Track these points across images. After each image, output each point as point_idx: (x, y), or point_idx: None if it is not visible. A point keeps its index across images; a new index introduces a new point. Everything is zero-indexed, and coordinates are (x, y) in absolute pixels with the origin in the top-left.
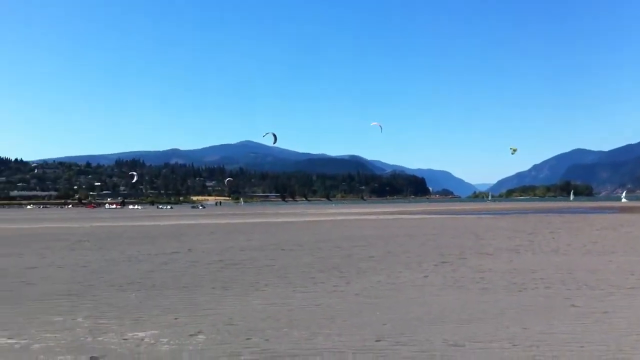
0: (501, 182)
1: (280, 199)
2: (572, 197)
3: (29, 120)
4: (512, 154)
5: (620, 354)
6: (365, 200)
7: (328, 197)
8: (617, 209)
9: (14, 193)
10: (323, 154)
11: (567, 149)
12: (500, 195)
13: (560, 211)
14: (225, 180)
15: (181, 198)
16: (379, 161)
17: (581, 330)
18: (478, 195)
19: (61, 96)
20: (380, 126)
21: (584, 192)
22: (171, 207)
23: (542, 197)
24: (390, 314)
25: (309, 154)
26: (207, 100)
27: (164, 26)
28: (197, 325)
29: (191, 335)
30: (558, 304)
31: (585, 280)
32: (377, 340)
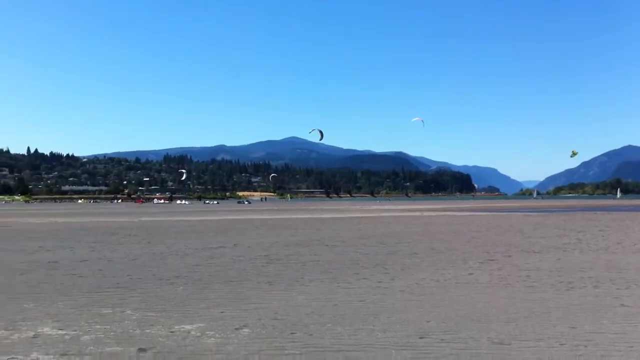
0: (549, 179)
1: (324, 195)
2: (619, 194)
3: (81, 116)
4: (572, 156)
5: None
6: (409, 197)
7: (372, 194)
8: None
9: (66, 188)
10: (368, 151)
11: (617, 145)
12: (548, 193)
13: (609, 209)
14: (270, 176)
15: (227, 193)
16: (423, 157)
17: (631, 330)
18: (525, 193)
19: (112, 94)
20: (422, 121)
21: (635, 190)
22: (217, 203)
23: (591, 195)
24: (434, 311)
25: (354, 150)
26: (254, 98)
27: (211, 26)
28: (243, 319)
29: (237, 328)
30: (607, 303)
31: (635, 280)
32: (420, 337)
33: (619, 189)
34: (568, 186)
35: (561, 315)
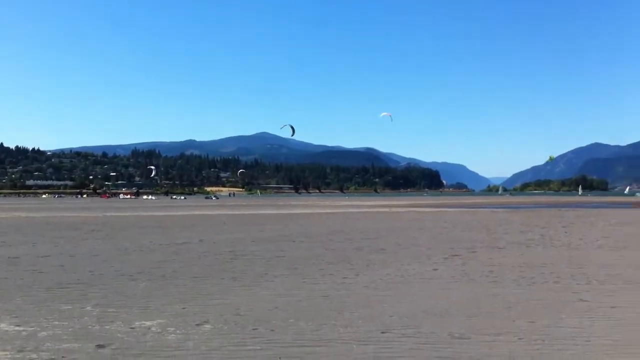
0: (516, 176)
1: (293, 191)
2: (580, 191)
3: (48, 110)
4: (549, 161)
5: (627, 349)
6: (378, 193)
7: (342, 190)
8: (632, 204)
9: (30, 182)
10: (339, 146)
11: (584, 143)
12: (515, 189)
13: (574, 206)
14: (238, 172)
15: (195, 189)
16: (394, 154)
17: (588, 325)
18: (492, 189)
19: (79, 87)
20: (391, 116)
21: (599, 187)
22: (185, 198)
23: (557, 192)
24: (397, 306)
25: (324, 146)
26: (225, 93)
27: (183, 20)
28: (205, 315)
29: (198, 324)
30: (566, 299)
31: (595, 275)
32: (382, 332)
33: (580, 186)
34: (534, 183)
35: (521, 310)
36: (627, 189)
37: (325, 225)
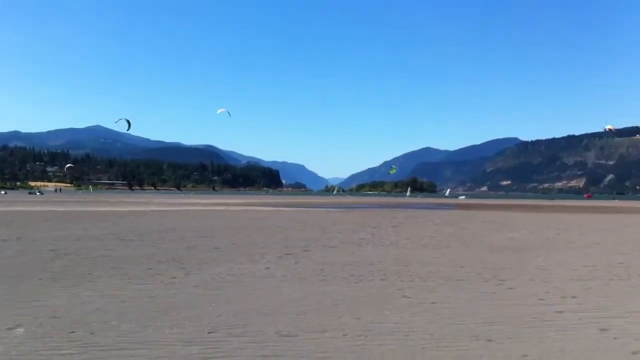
0: (353, 177)
1: (126, 187)
2: (408, 193)
3: None
4: (390, 172)
5: (441, 342)
6: (217, 191)
7: (179, 187)
8: (457, 206)
9: None
10: (177, 143)
11: (416, 147)
12: (351, 190)
13: (405, 207)
14: (66, 167)
15: (18, 183)
16: (234, 152)
17: (409, 320)
18: (329, 189)
19: None
20: (229, 112)
21: (429, 189)
22: (5, 193)
23: (390, 193)
24: (226, 305)
25: (162, 142)
26: (56, 82)
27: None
28: (17, 318)
29: (9, 328)
30: (390, 295)
31: (418, 273)
32: (209, 332)
33: (409, 188)
34: (370, 184)
35: (348, 307)
36: (447, 192)
37: (158, 223)
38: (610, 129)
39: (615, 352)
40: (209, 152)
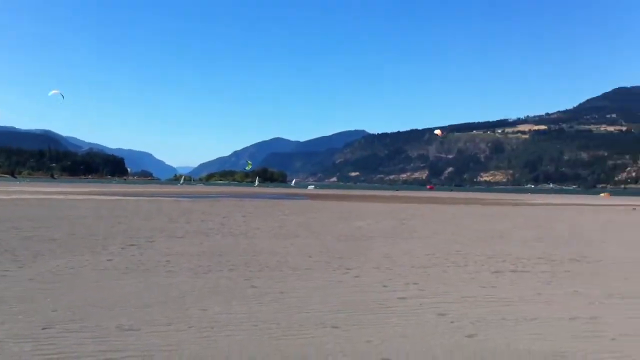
0: (203, 166)
1: None
2: (257, 182)
3: None
4: (247, 169)
5: (289, 331)
6: (56, 178)
7: (13, 174)
8: (307, 196)
9: None
10: (10, 127)
11: (267, 137)
12: (200, 179)
13: (255, 196)
14: None
15: None
16: (75, 138)
17: (257, 310)
18: (177, 178)
19: None
20: (62, 95)
21: (279, 179)
22: None
23: (240, 182)
24: (63, 299)
25: None
26: None
27: None
28: None
29: None
30: (239, 286)
31: (267, 262)
32: (43, 328)
33: (257, 177)
34: (220, 173)
35: (195, 299)
36: (293, 182)
37: None
38: (437, 134)
39: (451, 335)
40: (47, 137)
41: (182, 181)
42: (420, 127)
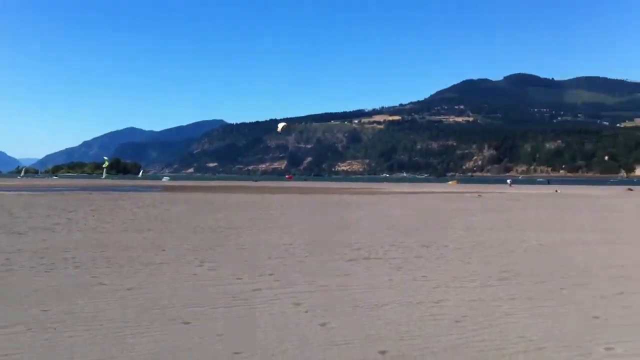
0: (49, 157)
1: None
2: (104, 175)
3: None
4: (104, 166)
5: (137, 329)
6: None
7: None
8: (163, 188)
9: None
10: None
11: (119, 127)
12: (47, 171)
13: (106, 189)
14: None
15: None
16: None
17: (103, 308)
18: (19, 171)
19: None
20: None
21: (133, 171)
22: None
23: (90, 174)
24: None
25: None
26: None
27: None
28: None
29: None
30: (85, 283)
31: (116, 258)
32: None
33: (104, 169)
34: (68, 165)
35: (36, 298)
36: (140, 173)
37: None
38: (280, 131)
39: (305, 324)
40: None
41: (22, 174)
42: (279, 117)
